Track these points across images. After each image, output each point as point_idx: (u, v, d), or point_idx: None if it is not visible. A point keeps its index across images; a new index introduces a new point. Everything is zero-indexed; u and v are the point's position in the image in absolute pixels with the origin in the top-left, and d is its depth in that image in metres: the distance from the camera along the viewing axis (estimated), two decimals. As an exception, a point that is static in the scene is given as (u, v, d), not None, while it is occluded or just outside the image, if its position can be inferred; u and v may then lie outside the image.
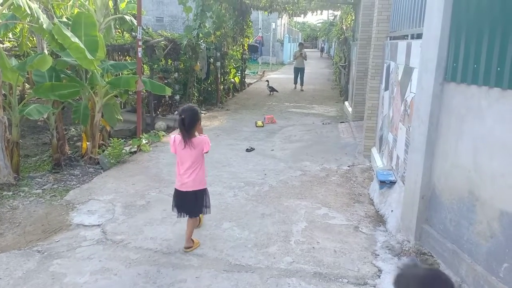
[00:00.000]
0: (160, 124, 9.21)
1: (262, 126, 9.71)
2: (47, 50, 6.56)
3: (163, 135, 8.23)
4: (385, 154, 5.74)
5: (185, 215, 3.91)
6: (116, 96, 7.53)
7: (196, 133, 3.82)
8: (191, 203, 3.88)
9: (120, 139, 6.95)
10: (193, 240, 3.93)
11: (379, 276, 3.45)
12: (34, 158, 7.05)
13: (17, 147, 5.84)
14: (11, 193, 5.16)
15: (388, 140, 5.51)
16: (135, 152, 7.11)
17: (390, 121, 5.46)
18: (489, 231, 3.02)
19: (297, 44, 18.57)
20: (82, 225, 4.32)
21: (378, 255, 3.81)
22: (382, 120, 6.18)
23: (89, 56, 5.74)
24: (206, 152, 3.90)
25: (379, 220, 4.59)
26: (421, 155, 3.79)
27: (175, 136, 3.88)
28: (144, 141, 7.29)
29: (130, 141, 7.40)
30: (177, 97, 10.34)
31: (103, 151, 6.68)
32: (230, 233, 4.24)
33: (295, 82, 16.80)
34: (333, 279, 3.39)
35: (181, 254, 3.78)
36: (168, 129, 9.22)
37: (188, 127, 3.72)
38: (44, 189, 5.38)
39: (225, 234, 4.21)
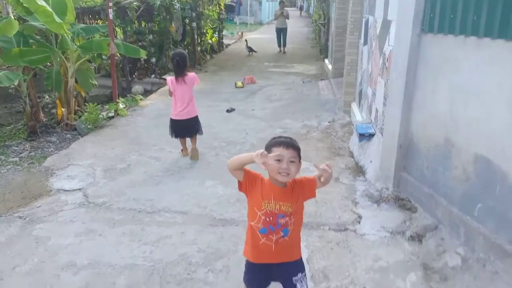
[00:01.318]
0: (137, 88, 9.01)
1: (242, 87, 9.61)
2: (13, 15, 6.22)
3: (140, 99, 8.07)
4: (364, 108, 5.78)
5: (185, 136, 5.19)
6: (89, 61, 7.29)
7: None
8: (191, 127, 5.13)
9: (96, 104, 6.79)
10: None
11: (359, 222, 3.57)
12: (9, 127, 6.85)
13: (-11, 116, 5.65)
14: (-14, 162, 5.04)
15: (367, 94, 5.53)
16: (112, 117, 6.98)
17: (369, 75, 5.46)
18: (464, 175, 3.12)
19: (278, 2, 17.61)
20: (62, 190, 4.27)
21: (358, 203, 3.91)
22: (361, 75, 6.19)
23: (57, 19, 5.48)
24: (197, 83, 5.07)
25: (358, 171, 4.68)
26: (399, 106, 3.82)
27: (170, 78, 4.99)
28: (121, 106, 7.14)
29: (107, 106, 7.24)
30: (153, 60, 10.08)
31: (80, 117, 6.54)
32: (213, 191, 4.27)
33: (279, 45, 15.53)
34: (315, 227, 3.49)
35: (165, 213, 3.80)
36: (146, 93, 9.05)
37: (183, 66, 4.87)
38: (21, 157, 5.26)
39: (208, 192, 4.25)
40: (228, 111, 7.52)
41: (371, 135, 4.94)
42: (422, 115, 3.63)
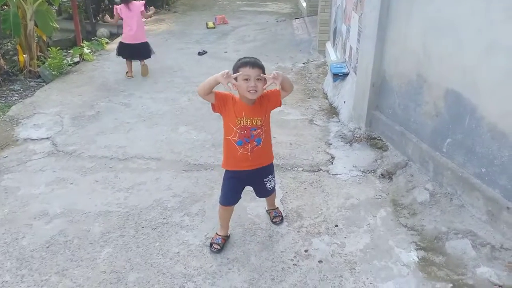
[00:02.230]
0: (102, 31, 8.54)
1: (214, 28, 9.25)
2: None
3: (106, 43, 7.68)
4: (338, 47, 5.67)
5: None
6: (48, 2, 6.77)
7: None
8: (140, 52, 5.87)
9: (60, 49, 6.41)
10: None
11: (332, 162, 3.62)
12: (-33, 76, 6.45)
13: None
14: None
15: (342, 31, 5.40)
16: (78, 62, 6.64)
17: (344, 11, 5.30)
18: (434, 110, 3.15)
19: None
20: (30, 139, 4.12)
21: (331, 144, 3.95)
22: (336, 11, 6.00)
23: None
24: (143, 11, 5.77)
25: (332, 112, 4.69)
26: (372, 42, 3.75)
27: (118, 6, 5.70)
28: (86, 50, 6.78)
29: (71, 51, 6.86)
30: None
31: (43, 63, 6.19)
32: (187, 136, 4.21)
33: None
34: (289, 169, 3.52)
35: (139, 159, 3.75)
36: (112, 36, 8.60)
37: None
38: (-17, 107, 5.00)
39: (182, 138, 4.18)
40: (199, 53, 7.27)
41: (345, 75, 4.89)
42: (395, 51, 3.58)
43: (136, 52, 5.83)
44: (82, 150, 3.91)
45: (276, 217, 2.87)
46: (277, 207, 2.94)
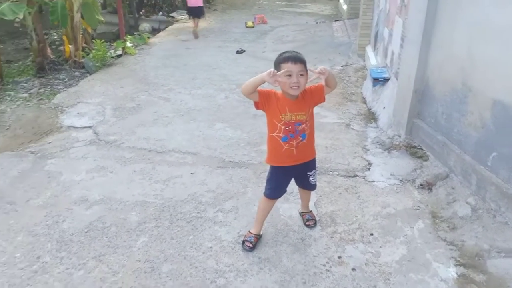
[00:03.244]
0: (145, 25, 8.75)
1: (253, 27, 9.28)
2: None
3: (148, 37, 7.85)
4: (379, 51, 5.56)
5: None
6: (94, -6, 7.00)
7: None
8: (198, 11, 8.37)
9: (104, 41, 6.62)
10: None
11: (368, 169, 3.55)
12: (17, 64, 6.77)
13: (-5, 50, 5.54)
14: (-4, 97, 5.03)
15: (384, 36, 5.30)
16: (120, 55, 6.84)
17: (387, 14, 5.19)
18: (480, 121, 3.04)
19: None
20: (73, 127, 4.28)
21: (369, 149, 3.88)
22: (378, 15, 5.89)
23: None
24: None
25: (370, 117, 4.60)
26: (416, 46, 3.65)
27: None
28: (128, 44, 6.97)
29: (114, 44, 7.06)
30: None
31: (87, 54, 6.40)
32: (223, 133, 4.24)
33: None
34: (323, 172, 3.48)
35: (176, 153, 3.81)
36: (153, 31, 8.79)
37: None
38: (31, 93, 5.23)
39: (218, 134, 4.22)
40: (238, 52, 7.31)
41: (386, 80, 4.79)
42: (440, 57, 3.47)
43: (194, 11, 8.35)
44: (122, 140, 4.02)
45: (309, 220, 2.85)
46: (311, 211, 2.92)
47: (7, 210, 2.99)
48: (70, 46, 6.45)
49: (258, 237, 2.68)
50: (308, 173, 2.62)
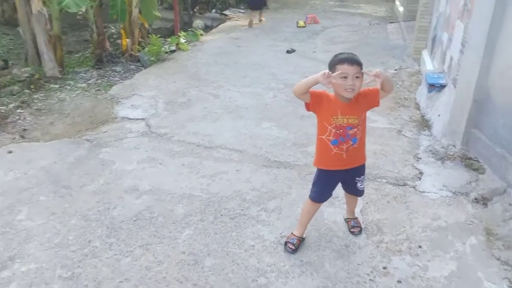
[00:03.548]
0: (198, 22, 8.92)
1: (304, 27, 9.21)
2: None
3: (201, 34, 8.01)
4: (437, 56, 5.34)
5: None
6: (153, -9, 7.23)
7: None
8: (261, 3, 9.05)
9: (159, 36, 6.83)
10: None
11: (419, 178, 3.42)
12: (77, 55, 7.13)
13: (59, 41, 5.87)
14: (57, 86, 5.33)
15: (442, 40, 5.07)
16: (174, 51, 7.02)
17: (446, 18, 4.97)
18: (547, 136, 2.84)
19: None
20: (127, 118, 4.45)
21: (420, 158, 3.73)
22: (436, 18, 5.65)
23: None
24: None
25: (424, 124, 4.43)
26: (478, 53, 3.46)
27: None
28: (182, 40, 7.14)
29: (169, 40, 7.27)
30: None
31: (143, 48, 6.63)
32: (269, 132, 4.25)
33: None
34: (371, 179, 3.39)
35: (222, 149, 3.86)
36: (206, 28, 8.95)
37: None
38: (89, 83, 5.50)
39: (264, 133, 4.23)
40: (288, 51, 7.29)
41: (442, 86, 4.59)
42: (503, 64, 3.26)
43: (259, 4, 9.16)
44: (172, 134, 4.13)
45: (354, 227, 2.78)
46: (357, 217, 2.85)
47: (63, 194, 3.16)
48: (127, 40, 6.71)
49: (301, 239, 2.66)
50: (357, 178, 2.55)
